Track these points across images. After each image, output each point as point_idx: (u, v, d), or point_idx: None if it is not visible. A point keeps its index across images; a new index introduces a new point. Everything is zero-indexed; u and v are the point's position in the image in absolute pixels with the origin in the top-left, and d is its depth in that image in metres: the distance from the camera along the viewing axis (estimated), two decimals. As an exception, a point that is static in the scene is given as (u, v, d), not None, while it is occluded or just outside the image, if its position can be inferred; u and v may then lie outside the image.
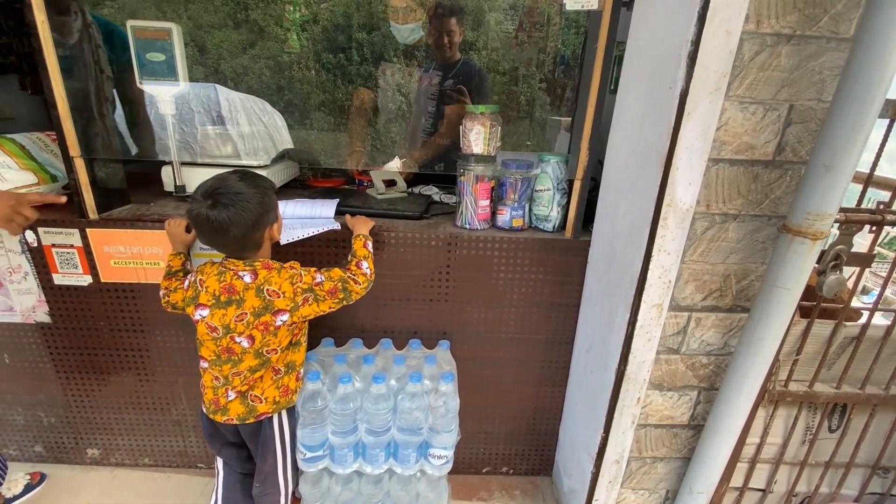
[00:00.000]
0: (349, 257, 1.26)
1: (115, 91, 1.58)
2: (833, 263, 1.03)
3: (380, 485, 1.43)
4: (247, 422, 1.19)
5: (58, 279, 1.42)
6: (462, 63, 2.06)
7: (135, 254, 1.39)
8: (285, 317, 1.11)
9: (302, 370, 1.27)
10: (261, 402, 1.18)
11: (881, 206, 1.04)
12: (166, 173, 1.54)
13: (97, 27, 1.43)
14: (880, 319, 1.21)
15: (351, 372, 1.32)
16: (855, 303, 1.18)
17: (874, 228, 1.05)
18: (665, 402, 1.24)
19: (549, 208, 1.43)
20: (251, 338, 1.10)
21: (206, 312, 1.10)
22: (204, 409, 1.23)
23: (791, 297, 0.98)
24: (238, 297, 1.08)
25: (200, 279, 1.12)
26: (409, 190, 1.82)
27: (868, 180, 1.05)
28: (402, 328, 1.52)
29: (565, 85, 2.53)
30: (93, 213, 1.37)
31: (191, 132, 1.64)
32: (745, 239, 1.06)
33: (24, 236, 1.38)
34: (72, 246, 1.39)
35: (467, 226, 1.45)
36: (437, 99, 2.08)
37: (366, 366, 1.35)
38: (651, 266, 1.06)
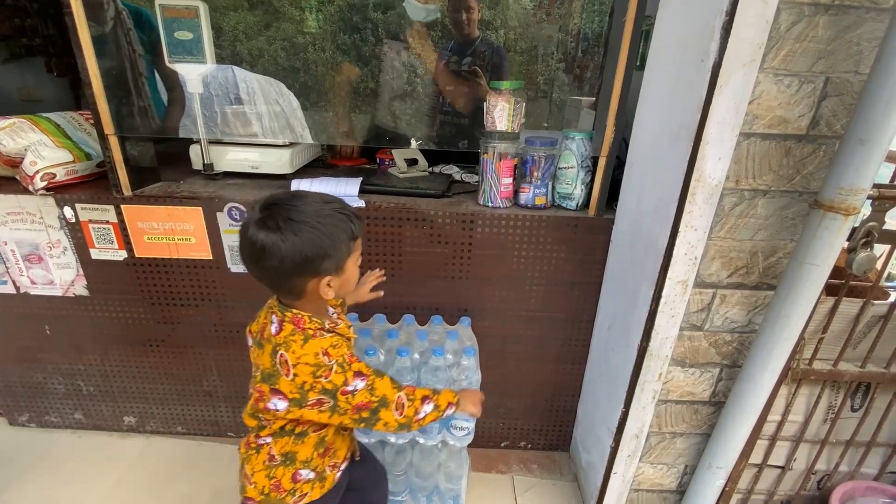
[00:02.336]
0: (430, 390, 0.96)
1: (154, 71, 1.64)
2: (864, 241, 1.02)
3: (403, 454, 1.48)
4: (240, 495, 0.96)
5: (95, 254, 1.48)
6: (480, 41, 2.05)
7: (167, 230, 1.44)
8: (282, 405, 0.81)
9: (306, 472, 0.93)
10: (250, 484, 0.92)
11: (917, 182, 1.02)
12: (194, 152, 1.57)
13: (127, 12, 1.47)
14: (910, 299, 1.20)
15: (376, 345, 1.36)
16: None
17: (909, 205, 1.03)
18: (686, 378, 1.25)
19: (572, 186, 1.43)
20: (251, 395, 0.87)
21: (250, 342, 0.91)
22: None
23: (820, 273, 0.98)
24: (262, 345, 0.85)
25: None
26: (431, 169, 1.82)
27: (904, 156, 1.03)
28: (423, 304, 1.55)
29: (586, 63, 2.48)
30: (127, 190, 1.42)
31: (211, 114, 1.67)
32: (774, 215, 1.05)
33: (63, 212, 1.43)
34: (107, 222, 1.44)
35: (489, 204, 1.45)
36: (456, 79, 2.07)
37: (390, 340, 1.39)
38: (677, 242, 1.06)
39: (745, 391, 1.16)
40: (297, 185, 1.46)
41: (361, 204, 1.41)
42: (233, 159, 1.59)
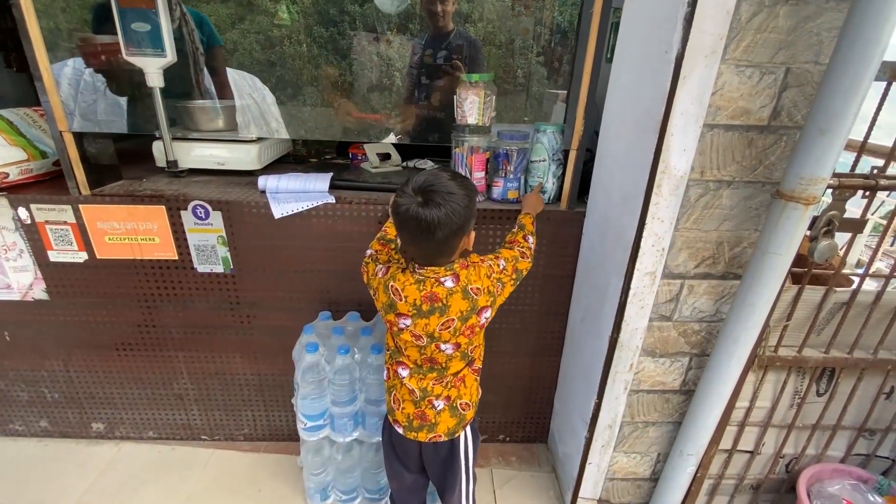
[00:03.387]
0: (515, 229, 1.23)
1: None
2: (825, 229, 1.03)
3: (380, 452, 1.47)
4: (455, 435, 1.13)
5: (53, 256, 1.42)
6: (455, 33, 2.03)
7: (129, 230, 1.39)
8: (487, 313, 1.04)
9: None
10: (468, 409, 1.13)
11: (875, 171, 1.04)
12: (157, 148, 1.52)
13: (190, 15, 1.75)
14: (870, 285, 1.22)
15: (349, 343, 1.34)
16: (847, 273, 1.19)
17: (867, 194, 1.05)
18: (657, 368, 1.26)
19: (544, 179, 1.42)
20: (457, 345, 1.04)
21: (408, 322, 1.01)
22: (399, 429, 1.12)
23: (783, 262, 0.99)
24: (441, 305, 0.98)
25: (394, 286, 1.01)
26: (404, 164, 1.80)
27: (862, 147, 1.05)
28: (398, 301, 1.53)
29: (562, 56, 2.48)
30: (84, 189, 1.36)
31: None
32: (738, 206, 1.06)
33: (18, 213, 1.37)
34: (65, 223, 1.38)
35: (462, 198, 1.44)
36: (431, 71, 2.05)
37: (364, 337, 1.37)
38: (645, 234, 1.06)
39: (714, 379, 1.17)
40: (265, 181, 1.42)
41: (331, 200, 1.38)
42: (198, 156, 1.54)
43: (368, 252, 1.16)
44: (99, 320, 1.53)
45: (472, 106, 1.35)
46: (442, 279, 0.99)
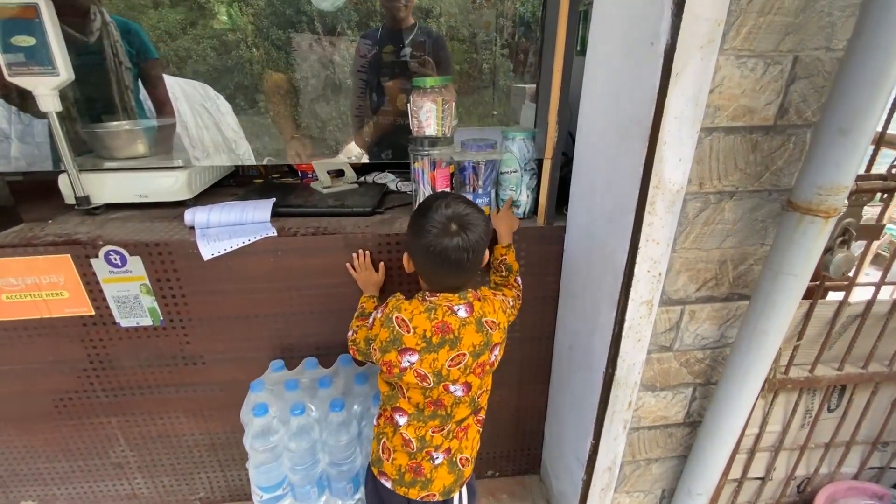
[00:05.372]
0: (503, 270, 1.14)
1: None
2: (841, 240, 0.90)
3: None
4: (451, 495, 1.00)
5: (-60, 322, 1.19)
6: (418, 29, 1.82)
7: (31, 285, 1.16)
8: (497, 351, 0.96)
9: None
10: (467, 464, 1.02)
11: (894, 171, 0.90)
12: (63, 183, 1.28)
13: (115, 24, 1.59)
14: (881, 294, 1.10)
15: (305, 400, 1.15)
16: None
17: (885, 196, 0.92)
18: (658, 402, 1.12)
19: (517, 192, 1.26)
20: (467, 385, 0.93)
21: (414, 359, 0.88)
22: (387, 483, 0.99)
23: (799, 283, 0.85)
24: (452, 337, 0.88)
25: (399, 317, 0.89)
26: (361, 179, 1.61)
27: (880, 139, 0.91)
28: (363, 339, 1.34)
29: (528, 49, 2.33)
30: (-32, 241, 1.13)
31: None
32: (742, 219, 0.91)
33: None
34: (-51, 282, 1.15)
35: (427, 219, 1.26)
36: (393, 72, 1.84)
37: (322, 390, 1.18)
38: (638, 259, 0.90)
39: (723, 412, 1.03)
40: (192, 214, 1.20)
41: (272, 232, 1.18)
42: (115, 188, 1.31)
43: (350, 334, 1.06)
44: (9, 391, 1.29)
45: (430, 115, 1.17)
46: (455, 308, 0.90)
